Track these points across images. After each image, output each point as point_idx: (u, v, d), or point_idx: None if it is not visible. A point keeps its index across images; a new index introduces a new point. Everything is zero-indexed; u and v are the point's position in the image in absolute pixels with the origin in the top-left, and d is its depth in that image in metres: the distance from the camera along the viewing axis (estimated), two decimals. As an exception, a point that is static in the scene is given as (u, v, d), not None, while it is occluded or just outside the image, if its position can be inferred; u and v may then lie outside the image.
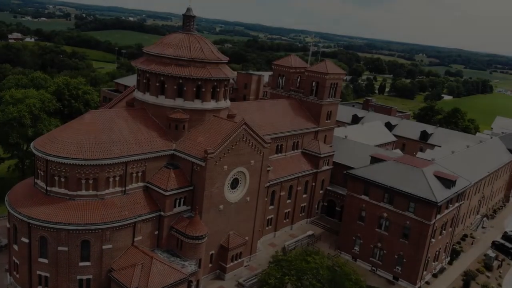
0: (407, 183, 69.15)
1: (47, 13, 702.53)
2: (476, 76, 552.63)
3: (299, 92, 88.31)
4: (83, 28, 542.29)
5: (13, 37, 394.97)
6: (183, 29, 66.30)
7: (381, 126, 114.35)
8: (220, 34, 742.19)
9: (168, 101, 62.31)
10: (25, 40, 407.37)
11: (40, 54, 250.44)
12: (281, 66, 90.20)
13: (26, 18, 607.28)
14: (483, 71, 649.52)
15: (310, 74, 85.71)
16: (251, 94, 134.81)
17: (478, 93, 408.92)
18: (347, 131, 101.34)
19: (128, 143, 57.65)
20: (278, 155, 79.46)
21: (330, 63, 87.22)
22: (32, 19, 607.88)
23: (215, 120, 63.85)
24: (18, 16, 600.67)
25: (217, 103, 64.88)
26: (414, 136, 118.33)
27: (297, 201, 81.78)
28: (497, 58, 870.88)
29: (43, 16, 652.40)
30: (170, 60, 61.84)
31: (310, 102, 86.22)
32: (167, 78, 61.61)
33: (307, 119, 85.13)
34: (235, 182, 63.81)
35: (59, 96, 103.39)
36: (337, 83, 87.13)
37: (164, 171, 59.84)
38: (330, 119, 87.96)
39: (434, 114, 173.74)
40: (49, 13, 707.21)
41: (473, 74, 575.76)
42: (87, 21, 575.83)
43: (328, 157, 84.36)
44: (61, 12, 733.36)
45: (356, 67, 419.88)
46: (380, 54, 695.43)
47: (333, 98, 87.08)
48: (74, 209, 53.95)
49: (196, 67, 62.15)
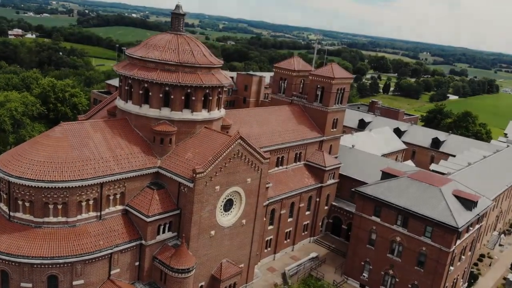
0: (423, 204, 60.79)
1: (49, 9, 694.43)
2: (481, 75, 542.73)
3: (303, 98, 79.92)
4: (85, 24, 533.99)
5: (14, 33, 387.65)
6: (171, 29, 57.93)
7: (390, 133, 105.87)
8: (223, 31, 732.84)
9: (153, 111, 54.07)
10: (25, 36, 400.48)
11: (37, 51, 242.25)
12: (282, 69, 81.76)
13: (28, 14, 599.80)
14: (488, 70, 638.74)
15: (315, 78, 77.30)
16: (251, 96, 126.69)
17: (484, 93, 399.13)
18: (354, 139, 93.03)
19: (105, 160, 49.53)
20: (279, 168, 71.18)
21: (337, 66, 78.75)
22: (34, 15, 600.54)
23: (207, 133, 55.57)
24: (20, 12, 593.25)
25: (209, 113, 56.60)
26: (425, 143, 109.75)
27: (300, 219, 73.50)
28: (502, 57, 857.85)
29: (45, 12, 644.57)
30: (155, 65, 53.55)
31: (315, 109, 77.85)
32: (152, 85, 53.36)
33: (311, 128, 76.79)
34: (228, 203, 55.58)
35: (44, 99, 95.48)
36: (344, 88, 78.71)
37: (147, 193, 51.69)
38: (336, 128, 79.58)
39: (443, 117, 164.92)
40: (52, 9, 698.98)
41: (478, 73, 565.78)
42: (90, 17, 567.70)
43: (334, 170, 76.01)
44: (64, 8, 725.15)
45: (360, 65, 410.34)
46: (384, 52, 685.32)
47: (339, 105, 78.68)
48: (40, 238, 45.97)
49: (185, 72, 53.85)
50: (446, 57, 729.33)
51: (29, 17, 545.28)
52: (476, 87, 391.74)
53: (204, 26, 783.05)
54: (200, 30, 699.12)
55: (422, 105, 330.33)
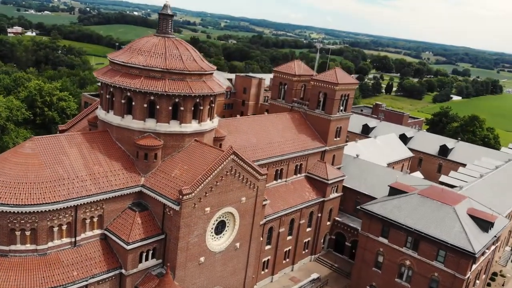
0: (436, 225, 54.88)
1: (51, 6, 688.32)
2: (483, 75, 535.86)
3: (304, 104, 73.98)
4: (86, 22, 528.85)
5: (13, 31, 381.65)
6: (158, 31, 52.05)
7: (396, 139, 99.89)
8: (225, 30, 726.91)
9: (137, 123, 48.23)
10: (25, 34, 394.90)
11: (34, 50, 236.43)
12: (282, 74, 75.80)
13: (29, 11, 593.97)
14: (490, 70, 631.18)
15: (317, 83, 71.35)
16: (250, 99, 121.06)
17: (487, 94, 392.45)
18: (359, 147, 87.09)
19: (81, 179, 43.73)
20: (277, 181, 65.31)
21: (341, 71, 72.75)
22: (35, 12, 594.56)
23: (197, 147, 49.70)
24: (21, 10, 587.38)
25: (200, 125, 50.73)
26: (432, 150, 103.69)
27: (300, 236, 67.61)
28: (504, 56, 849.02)
29: (47, 9, 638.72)
30: (139, 71, 47.67)
31: (317, 117, 71.92)
32: (135, 94, 47.53)
33: (312, 137, 70.88)
34: (220, 226, 49.76)
35: (31, 104, 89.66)
36: (349, 95, 72.77)
37: (128, 215, 45.90)
38: (339, 137, 73.67)
39: (448, 120, 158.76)
40: (53, 6, 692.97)
41: (481, 73, 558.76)
42: (91, 15, 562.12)
43: (337, 183, 70.11)
44: (66, 6, 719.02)
45: (362, 65, 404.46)
46: (386, 51, 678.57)
47: (343, 112, 72.77)
48: (5, 269, 40.30)
49: (173, 80, 47.97)
50: (449, 56, 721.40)
51: (30, 14, 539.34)
52: (480, 88, 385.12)
53: (205, 25, 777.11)
54: (202, 28, 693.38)
55: (425, 105, 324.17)
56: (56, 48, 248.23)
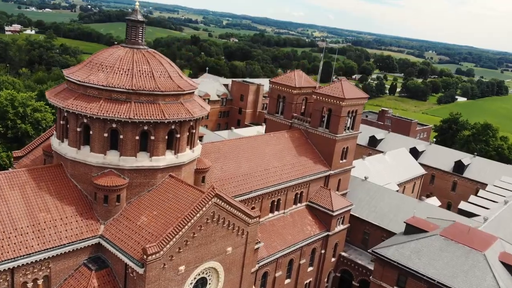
0: (463, 276, 44.82)
1: (52, 4, 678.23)
2: (487, 75, 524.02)
3: (305, 121, 63.88)
4: (87, 20, 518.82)
5: (11, 29, 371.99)
6: (126, 41, 41.98)
7: (406, 155, 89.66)
8: (226, 28, 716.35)
9: (95, 156, 38.23)
10: (24, 32, 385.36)
11: (27, 49, 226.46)
12: (281, 85, 65.65)
13: (30, 9, 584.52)
14: (494, 69, 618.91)
15: (321, 98, 61.23)
16: (248, 107, 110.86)
17: (492, 95, 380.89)
18: (366, 165, 77.03)
19: (20, 232, 33.86)
20: (274, 214, 55.28)
21: (347, 84, 62.54)
22: (36, 10, 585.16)
23: (172, 186, 39.65)
24: (22, 7, 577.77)
25: (176, 157, 40.70)
26: (446, 166, 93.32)
27: (300, 278, 57.55)
28: (507, 56, 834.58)
29: (48, 7, 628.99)
30: (99, 92, 37.67)
31: (320, 136, 61.82)
32: (93, 121, 37.57)
33: (315, 160, 60.79)
34: (200, 284, 39.81)
35: (2, 115, 79.74)
36: (357, 111, 62.66)
37: (82, 275, 35.97)
38: (346, 158, 63.59)
39: (458, 127, 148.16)
40: (54, 4, 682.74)
41: (485, 73, 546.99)
42: (91, 13, 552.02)
43: (343, 214, 60.05)
44: (67, 3, 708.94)
45: (366, 65, 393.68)
46: (389, 50, 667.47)
47: (351, 131, 62.66)
48: None
49: (141, 102, 37.96)
50: (452, 56, 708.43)
51: (31, 12, 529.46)
52: (485, 89, 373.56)
53: (207, 23, 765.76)
54: (204, 26, 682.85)
55: (430, 107, 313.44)
56: (51, 48, 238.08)
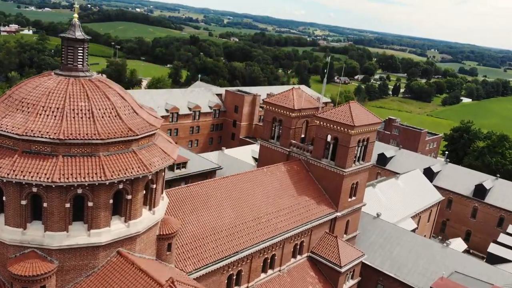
0: None
1: (52, 3, 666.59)
2: (490, 74, 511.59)
3: (306, 150, 52.35)
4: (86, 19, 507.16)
5: (7, 30, 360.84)
6: (61, 67, 30.42)
7: (421, 177, 77.97)
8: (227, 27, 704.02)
9: (11, 232, 26.81)
10: (21, 32, 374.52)
11: (18, 52, 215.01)
12: (277, 107, 53.94)
13: (30, 8, 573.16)
14: (497, 68, 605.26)
15: (325, 124, 49.62)
16: (243, 120, 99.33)
17: (498, 95, 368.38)
18: (377, 195, 65.58)
19: None
20: (267, 274, 43.71)
21: (357, 107, 50.79)
22: (36, 9, 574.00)
23: (119, 270, 28.10)
24: (22, 6, 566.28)
25: (127, 225, 29.18)
26: (465, 190, 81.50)
27: None
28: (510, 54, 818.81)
29: (48, 6, 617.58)
30: (14, 143, 26.22)
31: (324, 169, 50.29)
32: (5, 185, 26.15)
33: (318, 199, 49.28)
34: None
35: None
36: (369, 138, 51.08)
37: None
38: (356, 195, 52.04)
39: (470, 137, 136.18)
40: (54, 3, 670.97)
41: (488, 72, 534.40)
42: (91, 12, 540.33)
43: (353, 267, 48.51)
44: (67, 2, 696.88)
45: (368, 65, 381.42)
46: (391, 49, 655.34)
47: (361, 163, 51.10)
48: None
49: (73, 156, 26.51)
50: (454, 54, 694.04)
51: (30, 11, 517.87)
52: (490, 89, 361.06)
53: (208, 22, 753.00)
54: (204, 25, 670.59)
55: (434, 108, 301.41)
56: (42, 50, 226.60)
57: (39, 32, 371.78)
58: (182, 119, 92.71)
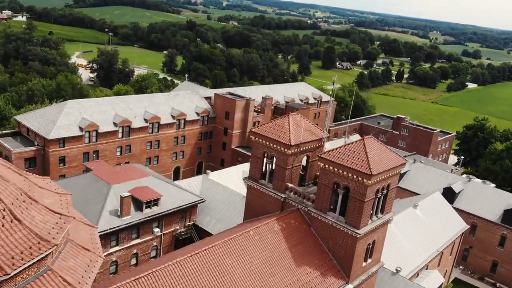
0: None
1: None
2: (494, 56, 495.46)
3: (307, 198, 39.33)
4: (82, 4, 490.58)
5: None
6: None
7: (442, 203, 64.78)
8: (226, 9, 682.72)
9: None
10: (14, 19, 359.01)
11: (2, 43, 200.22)
12: (268, 140, 40.56)
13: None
14: (500, 50, 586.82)
15: (332, 169, 36.45)
16: (235, 127, 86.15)
17: (504, 80, 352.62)
18: (394, 232, 52.69)
19: None
20: None
21: (374, 144, 37.38)
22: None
23: None
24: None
25: None
26: (491, 215, 67.95)
27: None
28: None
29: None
30: None
31: (330, 227, 37.39)
32: None
33: (323, 268, 36.46)
34: None
35: None
36: (389, 185, 37.98)
37: None
38: (372, 256, 39.27)
39: (485, 136, 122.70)
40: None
41: (491, 54, 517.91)
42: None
43: None
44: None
45: (370, 49, 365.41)
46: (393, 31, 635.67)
47: (380, 215, 38.16)
48: None
49: None
50: (457, 36, 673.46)
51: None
52: (496, 74, 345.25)
53: (207, 4, 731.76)
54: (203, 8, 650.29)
55: (439, 95, 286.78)
56: (29, 40, 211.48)
57: (32, 18, 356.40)
58: (165, 129, 79.42)
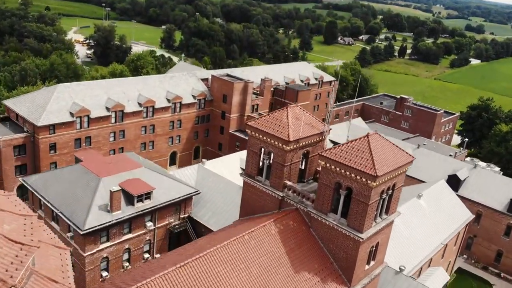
0: None
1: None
2: (498, 31, 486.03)
3: (306, 198, 36.64)
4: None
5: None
6: None
7: (446, 191, 62.16)
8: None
9: None
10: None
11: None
12: (265, 135, 37.62)
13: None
14: (504, 25, 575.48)
15: (334, 168, 33.61)
16: (232, 111, 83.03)
17: (508, 56, 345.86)
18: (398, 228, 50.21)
19: None
20: None
21: (379, 141, 34.40)
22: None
23: None
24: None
25: None
26: (497, 203, 65.50)
27: None
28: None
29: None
30: None
31: (331, 229, 34.84)
32: None
33: (324, 274, 34.04)
34: None
35: None
36: (395, 185, 35.20)
37: None
38: (375, 258, 36.82)
39: (490, 116, 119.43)
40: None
41: (495, 29, 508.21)
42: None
43: None
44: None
45: (373, 24, 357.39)
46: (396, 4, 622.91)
47: (384, 217, 35.54)
48: None
49: None
50: (461, 10, 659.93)
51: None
52: (500, 50, 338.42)
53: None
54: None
55: (442, 71, 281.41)
56: (24, 16, 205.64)
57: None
58: (160, 113, 76.21)
